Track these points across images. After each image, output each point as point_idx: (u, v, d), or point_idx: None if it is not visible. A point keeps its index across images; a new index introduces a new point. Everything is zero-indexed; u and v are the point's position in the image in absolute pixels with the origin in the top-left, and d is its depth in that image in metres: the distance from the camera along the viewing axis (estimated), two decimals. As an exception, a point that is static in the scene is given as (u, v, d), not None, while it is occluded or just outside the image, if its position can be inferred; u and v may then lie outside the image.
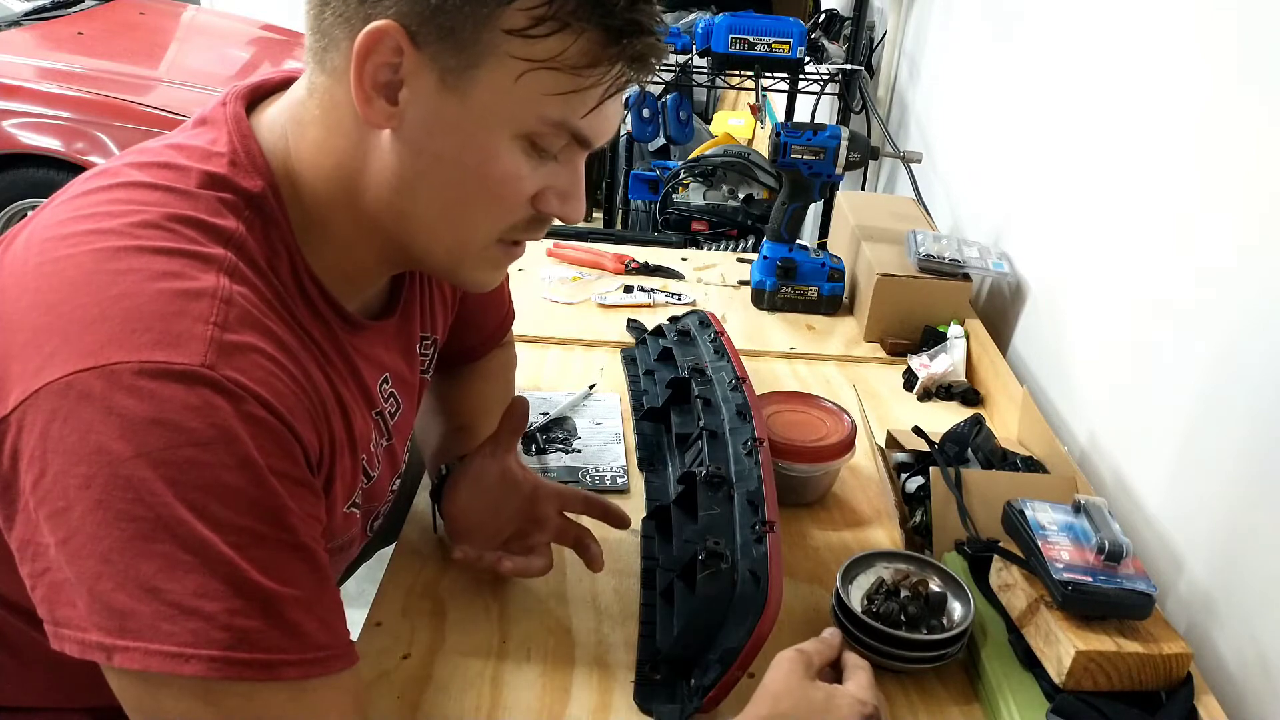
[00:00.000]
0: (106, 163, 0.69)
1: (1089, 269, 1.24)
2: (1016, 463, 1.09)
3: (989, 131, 1.65)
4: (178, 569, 0.56)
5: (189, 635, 0.56)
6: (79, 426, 0.56)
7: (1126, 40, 1.20)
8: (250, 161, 0.66)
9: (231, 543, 0.57)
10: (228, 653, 0.57)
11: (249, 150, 0.67)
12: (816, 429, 1.08)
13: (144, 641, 0.56)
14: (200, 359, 0.57)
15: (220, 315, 0.59)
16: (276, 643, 0.58)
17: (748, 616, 0.78)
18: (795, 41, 2.12)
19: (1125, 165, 1.17)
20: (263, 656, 0.58)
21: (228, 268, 0.62)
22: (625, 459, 1.13)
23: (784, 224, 1.51)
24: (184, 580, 0.56)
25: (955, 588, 0.88)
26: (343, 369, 0.72)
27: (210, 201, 0.64)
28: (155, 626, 0.56)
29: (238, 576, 0.57)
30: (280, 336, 0.63)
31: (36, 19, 3.25)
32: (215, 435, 0.57)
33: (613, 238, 1.98)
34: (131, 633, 0.56)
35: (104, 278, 0.59)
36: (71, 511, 0.56)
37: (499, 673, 0.82)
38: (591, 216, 3.79)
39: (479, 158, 0.65)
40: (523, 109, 0.64)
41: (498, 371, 1.10)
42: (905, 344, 1.43)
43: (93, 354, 0.56)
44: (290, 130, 0.68)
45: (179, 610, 0.56)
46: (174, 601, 0.56)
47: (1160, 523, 1.02)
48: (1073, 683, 0.78)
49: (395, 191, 0.67)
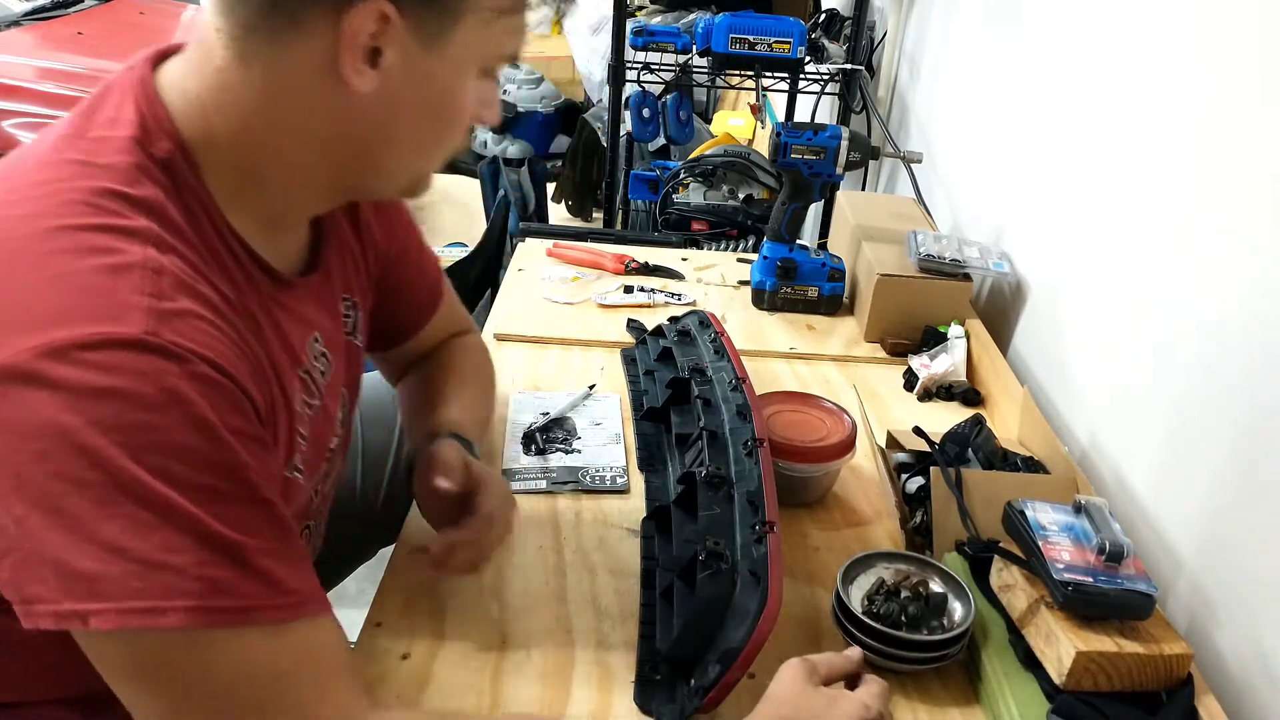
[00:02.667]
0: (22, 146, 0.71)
1: (1089, 269, 1.24)
2: (1017, 463, 1.09)
3: (989, 131, 1.65)
4: (142, 528, 0.57)
5: (162, 589, 0.57)
6: (27, 405, 0.57)
7: (1127, 40, 1.20)
8: (159, 126, 0.68)
9: (193, 499, 0.58)
10: (203, 601, 0.58)
11: (156, 115, 0.68)
12: (816, 429, 1.08)
13: (117, 600, 0.57)
14: (141, 328, 0.59)
15: (153, 286, 0.61)
16: (250, 589, 0.60)
17: (748, 617, 0.78)
18: (795, 41, 2.12)
19: (1125, 165, 1.17)
20: (238, 603, 0.60)
21: (153, 239, 0.63)
22: (625, 459, 1.13)
23: (784, 224, 1.51)
24: (150, 538, 0.57)
25: (956, 588, 0.88)
26: (271, 328, 0.73)
27: (126, 171, 0.65)
28: (127, 585, 0.57)
29: (203, 530, 0.58)
30: (212, 299, 0.65)
31: (36, 19, 3.26)
32: (166, 398, 0.58)
33: (613, 238, 1.98)
34: (104, 595, 0.57)
35: (34, 260, 0.60)
36: (28, 488, 0.57)
37: (499, 673, 0.82)
38: (591, 217, 3.79)
39: (452, 99, 0.72)
40: (489, 49, 0.72)
41: (457, 356, 1.10)
42: (905, 344, 1.43)
43: (33, 334, 0.58)
44: (208, 95, 0.68)
45: (149, 566, 0.57)
46: (142, 559, 0.57)
47: (1160, 523, 1.02)
48: (1073, 683, 0.78)
49: (370, 143, 0.71)
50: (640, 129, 2.43)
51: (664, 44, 2.28)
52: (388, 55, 0.67)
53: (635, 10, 3.67)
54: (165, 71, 0.71)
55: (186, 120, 0.68)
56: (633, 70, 2.28)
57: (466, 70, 0.71)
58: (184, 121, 0.68)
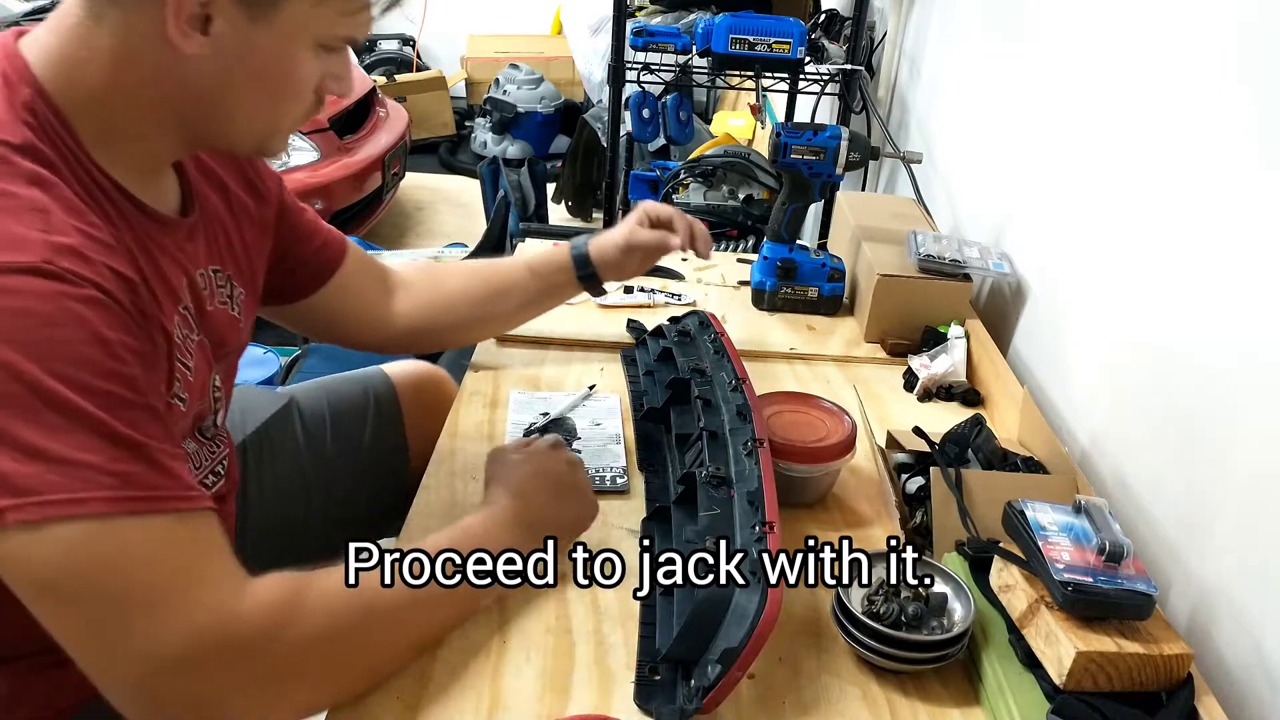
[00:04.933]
0: None
1: (1089, 269, 1.24)
2: (1017, 463, 1.09)
3: (989, 131, 1.65)
4: (57, 431, 0.62)
5: (80, 483, 0.63)
6: None
7: (1127, 40, 1.20)
8: (18, 75, 0.72)
9: (99, 405, 0.64)
10: (118, 491, 0.64)
11: (15, 66, 0.73)
12: (816, 429, 1.08)
13: (36, 495, 0.62)
14: (40, 257, 0.64)
15: (42, 223, 0.66)
16: (157, 482, 0.66)
17: (748, 617, 0.78)
18: (795, 41, 2.12)
19: (1126, 165, 1.17)
20: (149, 493, 0.66)
21: (33, 177, 0.68)
22: (625, 459, 1.13)
23: (784, 224, 1.51)
24: (65, 439, 0.62)
25: (956, 588, 0.88)
26: (148, 264, 0.77)
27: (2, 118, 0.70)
28: (46, 479, 0.62)
29: (112, 432, 0.64)
30: (92, 234, 0.69)
31: (36, 19, 3.25)
32: (68, 317, 0.64)
33: (613, 238, 1.98)
34: (24, 491, 0.61)
35: None
36: None
37: (499, 673, 0.82)
38: (591, 217, 3.79)
39: (284, 70, 0.77)
40: (320, 29, 0.76)
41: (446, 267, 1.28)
42: (905, 344, 1.43)
43: None
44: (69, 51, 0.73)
45: (66, 464, 0.62)
46: (59, 458, 0.62)
47: (1160, 523, 1.02)
48: (1073, 683, 0.78)
49: (208, 103, 0.77)
50: (640, 129, 2.43)
51: (664, 44, 2.28)
52: (216, 23, 0.72)
53: (635, 10, 3.67)
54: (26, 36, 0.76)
55: (45, 70, 0.73)
56: (633, 70, 2.28)
57: (297, 44, 0.76)
58: (42, 71, 0.73)
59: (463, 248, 2.67)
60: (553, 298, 1.26)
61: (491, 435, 1.16)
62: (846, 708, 0.82)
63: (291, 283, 1.08)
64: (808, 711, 0.81)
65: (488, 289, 1.22)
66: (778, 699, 0.82)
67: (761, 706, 0.81)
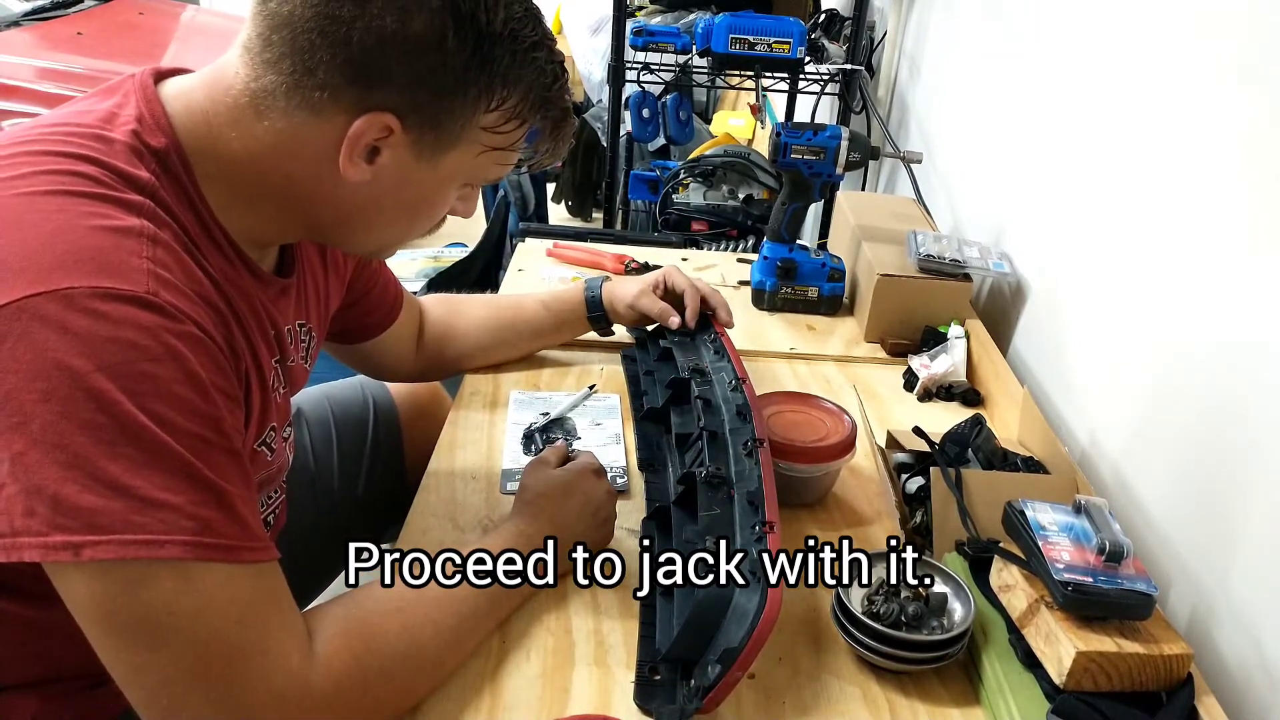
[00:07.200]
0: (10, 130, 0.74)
1: (1089, 269, 1.24)
2: (1017, 463, 1.09)
3: (989, 131, 1.65)
4: (142, 469, 0.61)
5: (161, 524, 0.61)
6: (34, 346, 0.60)
7: (1127, 39, 1.20)
8: (155, 123, 0.72)
9: (186, 445, 0.63)
10: (198, 537, 0.63)
11: (154, 113, 0.72)
12: (816, 429, 1.08)
13: (117, 534, 0.60)
14: (144, 286, 0.64)
15: (150, 252, 0.66)
16: (233, 531, 0.65)
17: (748, 617, 0.78)
18: (795, 41, 2.12)
19: (1126, 165, 1.17)
20: (226, 541, 0.64)
21: (147, 212, 0.68)
22: (625, 459, 1.13)
23: (784, 224, 1.51)
24: (149, 478, 0.61)
25: (956, 588, 0.88)
26: (250, 314, 0.78)
27: (123, 152, 0.69)
28: (127, 520, 0.60)
29: (195, 474, 0.63)
30: (197, 276, 0.70)
31: (36, 19, 3.25)
32: (165, 352, 0.63)
33: (613, 238, 1.98)
34: (103, 528, 0.60)
35: (37, 217, 0.64)
36: (30, 425, 0.59)
37: (499, 673, 0.82)
38: (591, 217, 3.79)
39: (432, 203, 0.80)
40: (475, 173, 0.80)
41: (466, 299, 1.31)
42: (905, 344, 1.43)
43: (41, 281, 0.61)
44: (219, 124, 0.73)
45: (148, 504, 0.61)
46: (142, 496, 0.61)
47: (1160, 523, 1.02)
48: (1073, 683, 0.78)
49: (347, 215, 0.78)
50: (640, 129, 2.43)
51: (664, 44, 2.29)
52: (384, 156, 0.74)
53: (635, 10, 3.67)
54: (170, 83, 0.75)
55: (186, 126, 0.73)
56: (632, 70, 2.28)
57: (451, 184, 0.80)
58: (182, 126, 0.73)
59: (463, 248, 2.66)
60: (561, 333, 1.32)
61: (491, 435, 1.16)
62: (846, 708, 0.82)
63: (356, 328, 1.12)
64: (808, 711, 0.81)
65: (500, 321, 1.28)
66: (778, 699, 0.82)
67: (761, 706, 0.81)
